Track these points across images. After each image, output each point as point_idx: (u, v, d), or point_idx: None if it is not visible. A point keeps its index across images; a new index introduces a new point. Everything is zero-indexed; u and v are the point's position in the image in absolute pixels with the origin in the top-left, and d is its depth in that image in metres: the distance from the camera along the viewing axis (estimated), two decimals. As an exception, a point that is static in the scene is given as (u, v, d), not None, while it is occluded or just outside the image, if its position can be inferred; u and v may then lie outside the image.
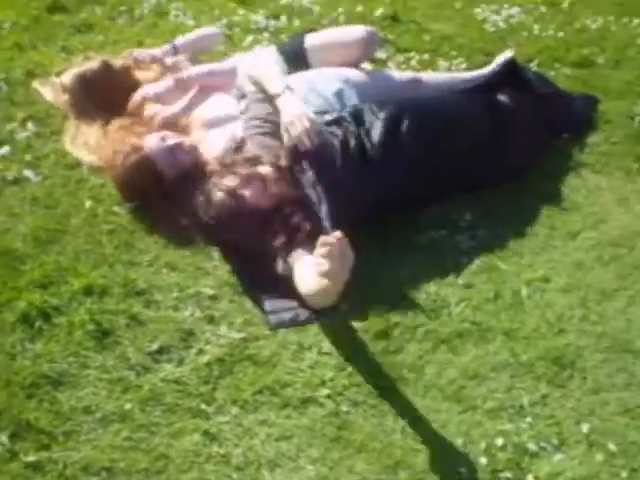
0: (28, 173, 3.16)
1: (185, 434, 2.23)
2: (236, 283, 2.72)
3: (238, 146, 3.02)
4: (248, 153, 2.94)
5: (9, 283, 2.63)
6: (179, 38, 3.78)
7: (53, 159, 3.25)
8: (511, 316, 2.65)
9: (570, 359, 2.50)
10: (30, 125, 3.42)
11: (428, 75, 3.67)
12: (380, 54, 4.07)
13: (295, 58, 3.47)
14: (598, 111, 3.72)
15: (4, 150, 3.28)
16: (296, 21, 4.53)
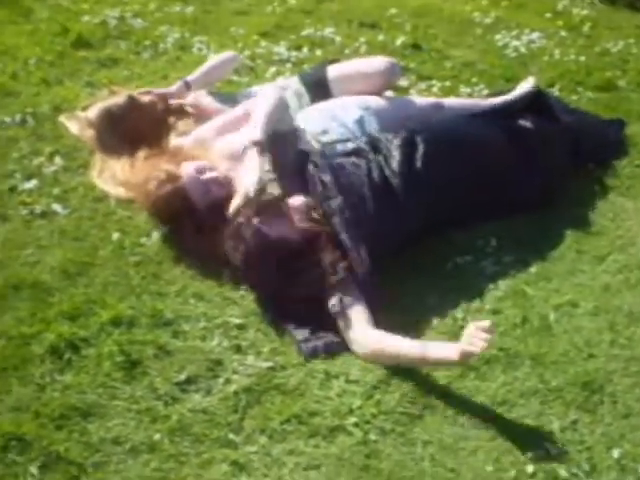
0: (56, 206, 3.20)
1: (214, 464, 2.23)
2: (263, 312, 2.73)
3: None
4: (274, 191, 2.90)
5: (38, 315, 2.65)
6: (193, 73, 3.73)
7: (81, 192, 3.29)
8: (539, 341, 2.63)
9: (600, 384, 2.48)
10: (57, 159, 3.47)
11: (450, 100, 3.68)
12: (402, 82, 4.09)
13: (317, 88, 3.52)
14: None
15: (32, 184, 3.32)
16: (318, 51, 4.58)
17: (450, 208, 3.01)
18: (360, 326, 2.61)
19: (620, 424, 2.36)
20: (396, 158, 3.00)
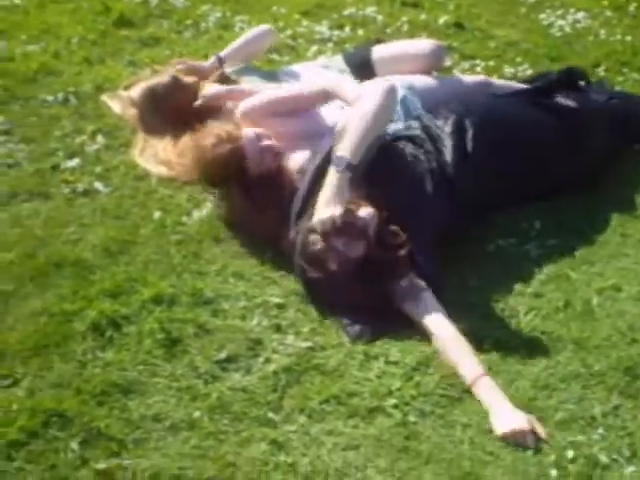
0: (98, 185, 3.23)
1: (252, 442, 2.23)
2: (303, 292, 2.72)
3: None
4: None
5: (80, 292, 2.68)
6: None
7: (122, 171, 3.31)
8: (581, 325, 2.60)
9: (643, 369, 2.45)
10: (99, 138, 3.50)
11: (495, 80, 3.64)
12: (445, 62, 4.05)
13: (361, 68, 3.51)
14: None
15: (74, 162, 3.35)
16: (360, 31, 4.54)
17: (497, 191, 2.97)
18: (438, 313, 2.60)
19: (663, 410, 2.33)
20: (449, 147, 2.97)
